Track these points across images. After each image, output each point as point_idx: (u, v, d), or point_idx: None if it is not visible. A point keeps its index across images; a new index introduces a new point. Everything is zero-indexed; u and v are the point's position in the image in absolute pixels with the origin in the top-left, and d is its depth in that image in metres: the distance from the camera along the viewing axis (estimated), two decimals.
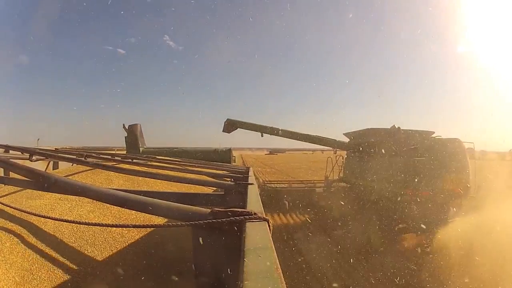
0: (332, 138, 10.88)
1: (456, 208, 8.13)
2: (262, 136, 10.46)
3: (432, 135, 9.17)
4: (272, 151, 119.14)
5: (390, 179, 8.37)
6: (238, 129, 10.98)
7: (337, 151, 11.75)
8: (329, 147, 11.75)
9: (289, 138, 10.51)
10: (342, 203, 10.27)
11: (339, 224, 9.62)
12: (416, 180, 7.76)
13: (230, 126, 10.89)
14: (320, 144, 10.71)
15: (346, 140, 11.25)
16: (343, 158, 11.83)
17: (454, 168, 8.03)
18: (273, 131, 10.45)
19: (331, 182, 12.33)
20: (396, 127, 9.24)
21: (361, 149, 10.08)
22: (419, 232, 7.91)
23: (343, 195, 10.78)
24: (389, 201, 8.16)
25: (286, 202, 11.73)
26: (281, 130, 10.42)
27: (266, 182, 15.03)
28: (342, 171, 11.96)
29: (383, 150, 8.88)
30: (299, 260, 7.00)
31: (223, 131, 10.89)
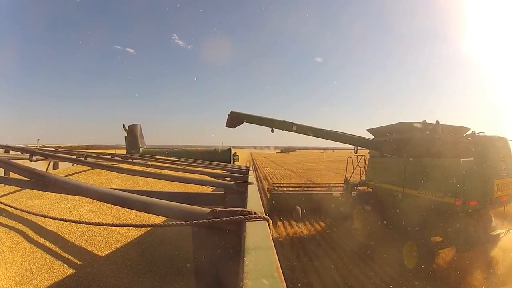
0: (355, 135, 9.31)
1: (499, 219, 7.11)
2: (272, 132, 9.16)
3: (468, 132, 7.77)
4: (284, 149, 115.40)
5: (430, 185, 6.91)
6: (244, 125, 9.66)
7: (358, 150, 10.24)
8: (345, 146, 10.42)
9: (305, 134, 9.14)
10: (364, 211, 9.26)
11: (360, 237, 8.58)
12: (463, 186, 6.34)
13: (235, 120, 9.58)
14: (341, 142, 9.32)
15: (369, 138, 9.69)
16: (365, 158, 10.27)
17: (504, 172, 6.77)
18: (286, 126, 9.09)
19: (352, 186, 10.74)
20: (431, 122, 7.60)
21: (391, 147, 8.54)
22: (464, 249, 6.42)
23: (364, 201, 9.52)
24: (428, 212, 6.78)
25: (299, 209, 10.56)
26: (296, 124, 9.03)
27: (275, 185, 13.42)
28: (364, 173, 10.38)
29: (419, 149, 7.51)
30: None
31: (227, 125, 9.63)
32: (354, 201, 10.22)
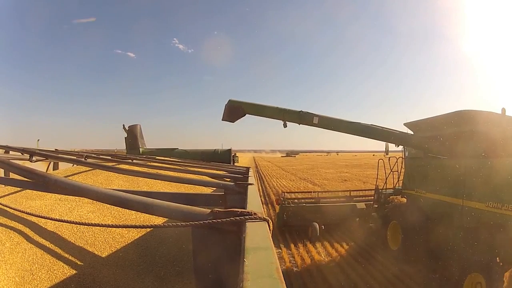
0: (394, 130, 7.38)
1: None
2: (285, 126, 7.39)
3: None
4: (289, 153, 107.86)
5: (506, 196, 5.49)
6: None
7: (389, 152, 8.47)
8: (351, 148, 9.11)
9: (329, 128, 7.39)
10: (402, 228, 7.33)
11: (402, 266, 6.84)
12: None
13: (234, 111, 7.67)
14: (378, 139, 7.51)
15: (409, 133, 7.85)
16: (401, 161, 8.43)
17: None
18: (303, 118, 7.16)
19: (385, 196, 8.77)
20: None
21: (443, 145, 6.79)
22: None
23: (403, 216, 7.46)
24: (502, 232, 5.46)
25: (317, 226, 8.94)
26: (318, 116, 7.16)
27: (285, 193, 11.11)
28: (398, 180, 8.60)
29: (485, 147, 5.96)
30: None
31: (224, 119, 7.85)
32: (389, 215, 8.14)
